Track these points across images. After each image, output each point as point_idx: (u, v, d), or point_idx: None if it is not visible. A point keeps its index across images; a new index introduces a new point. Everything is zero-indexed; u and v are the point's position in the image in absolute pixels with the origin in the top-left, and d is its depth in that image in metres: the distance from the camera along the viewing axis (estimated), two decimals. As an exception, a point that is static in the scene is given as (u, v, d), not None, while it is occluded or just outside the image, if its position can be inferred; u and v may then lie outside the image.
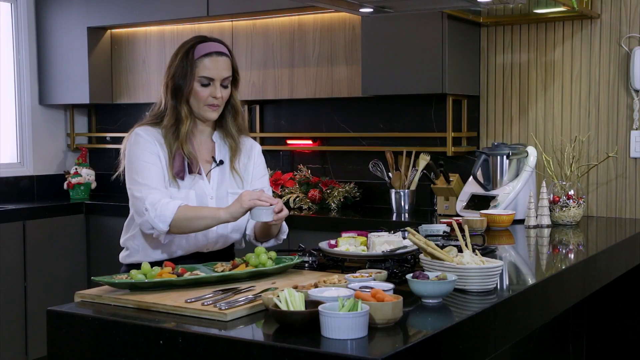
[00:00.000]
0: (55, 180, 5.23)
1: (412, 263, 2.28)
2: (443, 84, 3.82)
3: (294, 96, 4.45)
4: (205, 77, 2.44)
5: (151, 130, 2.47)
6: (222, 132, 2.56)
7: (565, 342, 3.68)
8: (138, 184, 2.41)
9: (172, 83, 2.46)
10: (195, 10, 4.51)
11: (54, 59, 5.10)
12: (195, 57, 2.44)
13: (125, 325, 1.80)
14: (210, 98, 2.45)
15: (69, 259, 4.71)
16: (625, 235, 3.31)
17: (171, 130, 2.45)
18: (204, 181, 2.49)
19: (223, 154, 2.55)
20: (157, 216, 2.34)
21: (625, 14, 3.75)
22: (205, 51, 2.45)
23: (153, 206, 2.35)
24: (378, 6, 3.06)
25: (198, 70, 2.44)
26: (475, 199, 3.64)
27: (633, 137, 3.75)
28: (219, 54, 2.46)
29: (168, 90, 2.47)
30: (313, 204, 4.31)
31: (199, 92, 2.44)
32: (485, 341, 1.94)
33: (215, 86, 2.45)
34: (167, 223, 2.35)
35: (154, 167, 2.42)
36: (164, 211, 2.34)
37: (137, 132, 2.46)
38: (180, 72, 2.45)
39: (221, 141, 2.56)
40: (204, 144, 2.54)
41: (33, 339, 4.51)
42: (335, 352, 1.51)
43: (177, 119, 2.45)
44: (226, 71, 2.47)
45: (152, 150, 2.43)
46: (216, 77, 2.45)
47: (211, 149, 2.55)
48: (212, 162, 2.53)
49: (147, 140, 2.44)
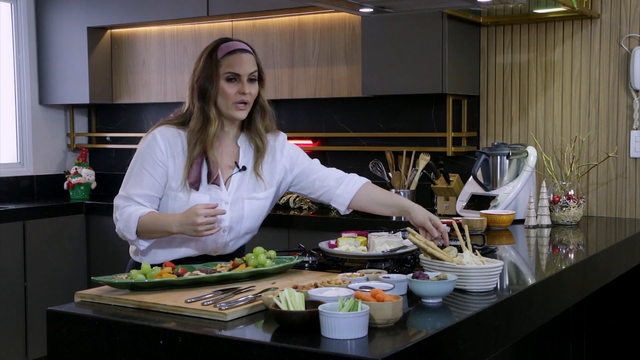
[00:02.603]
0: (55, 180, 5.23)
1: (412, 263, 2.28)
2: (443, 84, 3.82)
3: (294, 96, 4.45)
4: (231, 73, 2.41)
5: (173, 133, 2.43)
6: (249, 134, 2.52)
7: (565, 342, 3.68)
8: (124, 189, 2.44)
9: (197, 86, 2.43)
10: (195, 10, 4.51)
11: (54, 59, 5.10)
12: (219, 56, 2.42)
13: (125, 325, 1.80)
14: (238, 95, 2.42)
15: (69, 259, 4.71)
16: (625, 235, 3.31)
17: (198, 133, 2.41)
18: (219, 188, 2.45)
19: (247, 159, 2.51)
20: (124, 227, 2.39)
21: (625, 14, 3.75)
22: (228, 49, 2.43)
23: (121, 216, 2.40)
24: (378, 6, 3.06)
25: (223, 69, 2.41)
26: (475, 199, 3.64)
27: (633, 137, 3.75)
28: (242, 51, 2.44)
29: (194, 94, 2.44)
30: (313, 204, 4.31)
31: (226, 89, 2.41)
32: (485, 341, 1.94)
33: (242, 82, 2.42)
34: (133, 233, 2.38)
35: (150, 177, 2.41)
36: (128, 222, 2.38)
37: (155, 134, 2.43)
38: (206, 74, 2.42)
39: (247, 145, 2.52)
40: (228, 148, 2.50)
41: (33, 339, 4.51)
42: (335, 352, 1.51)
43: (205, 120, 2.41)
44: (251, 66, 2.44)
45: (159, 159, 2.41)
46: (242, 72, 2.42)
47: (235, 153, 2.51)
48: (234, 167, 2.49)
49: (159, 147, 2.41)
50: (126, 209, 2.39)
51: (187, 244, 2.48)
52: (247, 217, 2.49)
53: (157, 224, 2.37)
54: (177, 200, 2.42)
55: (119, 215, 2.41)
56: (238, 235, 2.52)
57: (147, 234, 2.40)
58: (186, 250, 2.48)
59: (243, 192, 2.48)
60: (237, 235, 2.51)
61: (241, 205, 2.47)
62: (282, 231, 4.00)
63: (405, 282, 1.93)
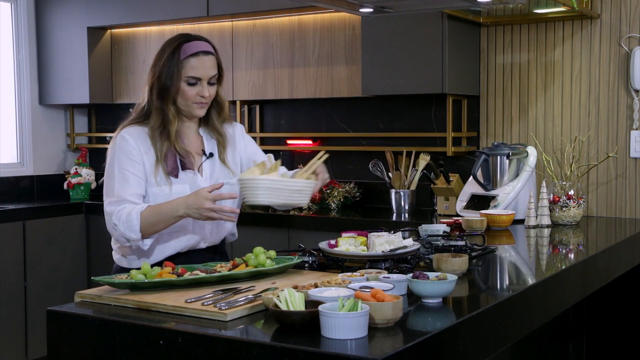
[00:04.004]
0: (55, 180, 5.23)
1: (412, 263, 2.28)
2: (443, 84, 3.82)
3: (294, 96, 4.45)
4: (192, 77, 2.44)
5: (138, 131, 2.47)
6: (208, 128, 2.58)
7: (565, 342, 3.68)
8: (111, 195, 2.43)
9: (158, 84, 2.46)
10: (195, 10, 4.51)
11: (54, 59, 5.10)
12: (182, 57, 2.44)
13: (125, 325, 1.80)
14: (197, 97, 2.46)
15: (69, 259, 4.71)
16: (625, 235, 3.31)
17: (159, 130, 2.45)
18: (196, 176, 2.50)
19: (211, 147, 2.57)
20: (126, 228, 2.38)
21: (625, 14, 3.75)
22: (191, 51, 2.44)
23: (119, 219, 2.39)
24: (378, 6, 3.06)
25: (185, 71, 2.43)
26: (475, 199, 3.64)
27: (633, 137, 3.75)
28: (205, 53, 2.47)
29: (154, 91, 2.47)
30: (313, 204, 4.31)
31: (187, 91, 2.45)
32: (485, 341, 1.94)
33: (202, 85, 2.46)
34: (138, 230, 2.37)
35: (134, 176, 2.43)
36: (129, 221, 2.37)
37: (123, 135, 2.46)
38: (167, 73, 2.44)
39: (208, 135, 2.58)
40: (192, 138, 2.56)
41: (33, 339, 4.51)
42: (335, 352, 1.51)
43: (165, 119, 2.46)
44: (212, 69, 2.48)
45: (136, 157, 2.43)
46: (203, 76, 2.45)
47: (200, 142, 2.57)
48: (202, 155, 2.55)
49: (132, 146, 2.44)
50: (122, 211, 2.39)
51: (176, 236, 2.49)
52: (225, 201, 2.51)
53: (162, 211, 2.37)
54: (158, 194, 2.44)
55: (117, 219, 2.39)
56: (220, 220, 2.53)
57: (151, 227, 2.39)
58: (176, 244, 2.49)
59: (218, 177, 2.54)
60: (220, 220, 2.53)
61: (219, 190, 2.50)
62: (282, 231, 4.00)
63: (405, 282, 1.93)
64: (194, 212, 2.33)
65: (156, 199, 2.44)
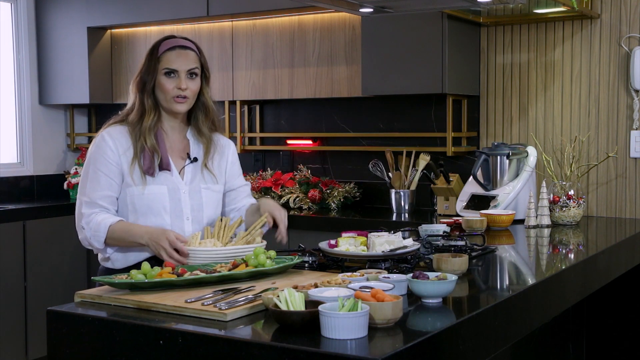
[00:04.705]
0: (55, 180, 5.23)
1: (412, 263, 2.28)
2: (443, 84, 3.82)
3: (294, 96, 4.45)
4: (168, 69, 2.48)
5: (119, 131, 2.49)
6: (195, 130, 2.60)
7: (565, 342, 3.68)
8: (84, 195, 2.47)
9: (138, 78, 2.52)
10: (195, 10, 4.51)
11: (54, 59, 5.10)
12: (159, 52, 2.50)
13: (125, 325, 1.80)
14: (175, 89, 2.48)
15: (69, 259, 4.71)
16: (625, 235, 3.31)
17: (137, 125, 2.48)
18: (175, 177, 2.51)
19: (197, 151, 2.59)
20: (92, 235, 2.43)
21: (625, 14, 3.75)
22: (169, 45, 2.51)
23: (88, 225, 2.43)
24: (378, 6, 3.06)
25: (162, 64, 2.49)
26: (475, 199, 3.64)
27: (633, 137, 3.75)
28: (182, 48, 2.52)
29: (134, 86, 2.53)
30: (313, 204, 4.31)
31: (164, 84, 2.48)
32: (485, 341, 1.94)
33: (180, 77, 2.48)
34: (102, 242, 2.42)
35: (106, 177, 2.45)
36: (97, 230, 2.41)
37: (103, 135, 2.49)
38: (146, 69, 2.51)
39: (195, 139, 2.60)
40: (177, 141, 2.57)
41: (33, 339, 4.51)
42: (335, 352, 1.51)
43: (142, 112, 2.49)
44: (191, 62, 2.51)
45: (111, 158, 2.45)
46: (179, 68, 2.49)
47: (185, 145, 2.58)
48: (186, 159, 2.56)
49: (109, 146, 2.46)
50: (93, 217, 2.42)
51: None
52: (206, 205, 2.55)
53: (128, 234, 2.40)
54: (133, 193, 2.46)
55: (85, 224, 2.43)
56: (201, 225, 2.54)
57: (115, 242, 2.43)
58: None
59: (199, 182, 2.55)
60: (200, 224, 2.54)
61: (199, 194, 2.54)
62: (282, 231, 3.99)
63: (405, 282, 1.93)
64: (153, 244, 2.34)
65: (132, 198, 2.46)
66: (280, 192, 4.41)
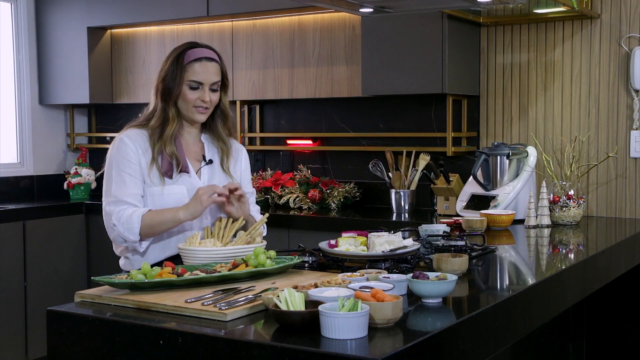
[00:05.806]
0: (55, 180, 5.23)
1: (412, 263, 2.28)
2: (443, 84, 3.82)
3: (294, 96, 4.45)
4: (194, 81, 2.52)
5: (137, 133, 2.53)
6: (211, 135, 2.65)
7: (565, 342, 3.68)
8: (110, 195, 2.49)
9: (162, 86, 2.55)
10: (195, 10, 4.52)
11: (54, 59, 5.10)
12: (185, 62, 2.52)
13: (125, 325, 1.80)
14: (198, 101, 2.53)
15: (69, 259, 4.71)
16: (625, 235, 3.31)
17: (157, 130, 2.52)
18: (193, 178, 2.56)
19: (212, 154, 2.63)
20: (125, 229, 2.44)
21: (625, 14, 3.75)
22: (194, 56, 2.53)
23: (119, 220, 2.44)
24: (378, 6, 3.06)
25: (187, 75, 2.52)
26: (475, 199, 3.64)
27: (633, 137, 3.75)
28: (208, 60, 2.55)
29: (158, 93, 2.56)
30: (313, 204, 4.31)
31: (188, 95, 2.52)
32: (485, 341, 1.94)
33: (204, 90, 2.53)
34: (137, 233, 2.44)
35: (131, 177, 2.48)
36: (129, 223, 2.43)
37: (122, 138, 2.53)
38: (170, 76, 2.53)
39: (210, 142, 2.65)
40: (192, 143, 2.62)
41: (33, 339, 4.51)
42: (335, 352, 1.51)
43: (165, 120, 2.53)
44: (215, 76, 2.55)
45: (133, 159, 2.49)
46: (205, 81, 2.53)
47: (200, 148, 2.63)
48: (201, 160, 2.61)
49: (130, 148, 2.49)
50: (122, 212, 2.45)
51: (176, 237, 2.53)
52: None
53: (163, 215, 2.44)
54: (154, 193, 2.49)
55: (116, 220, 2.45)
56: None
57: (150, 229, 2.45)
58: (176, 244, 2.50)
59: (218, 183, 2.58)
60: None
61: None
62: (282, 231, 4.00)
63: (405, 282, 1.93)
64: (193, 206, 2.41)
65: (152, 198, 2.49)
66: (280, 192, 4.41)
